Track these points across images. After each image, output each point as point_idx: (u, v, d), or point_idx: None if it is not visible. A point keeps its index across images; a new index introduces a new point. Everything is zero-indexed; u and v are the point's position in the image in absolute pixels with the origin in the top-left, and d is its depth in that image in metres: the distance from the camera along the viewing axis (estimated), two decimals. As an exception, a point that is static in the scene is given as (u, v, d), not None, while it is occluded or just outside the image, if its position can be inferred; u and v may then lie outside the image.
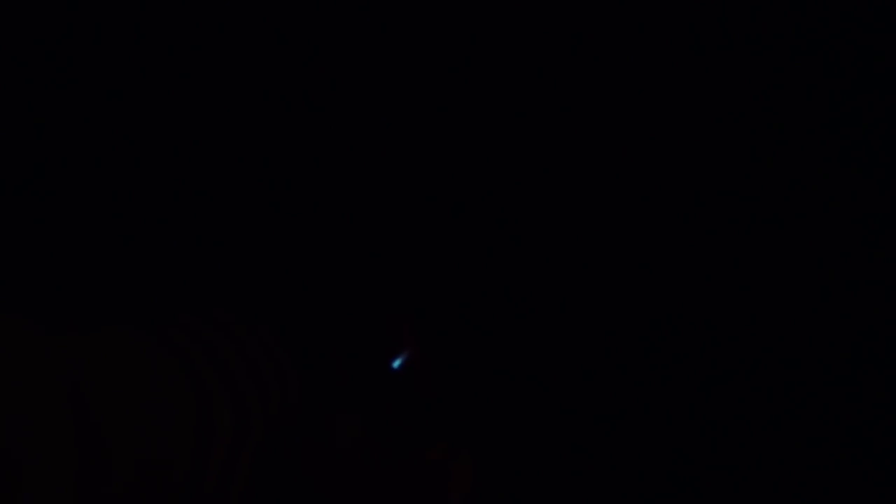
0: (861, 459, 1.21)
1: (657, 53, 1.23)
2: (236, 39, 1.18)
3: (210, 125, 1.18)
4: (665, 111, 1.24)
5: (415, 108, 1.22)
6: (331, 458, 0.87)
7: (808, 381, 1.23)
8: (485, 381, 1.20)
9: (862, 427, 1.22)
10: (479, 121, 1.23)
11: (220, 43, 1.18)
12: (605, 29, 1.23)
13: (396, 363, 0.99)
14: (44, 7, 1.14)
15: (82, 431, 0.67)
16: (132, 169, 1.15)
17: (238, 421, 0.80)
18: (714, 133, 1.25)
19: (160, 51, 1.16)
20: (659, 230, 1.24)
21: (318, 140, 1.20)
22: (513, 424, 1.20)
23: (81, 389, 0.69)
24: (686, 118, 1.25)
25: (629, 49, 1.23)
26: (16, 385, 0.65)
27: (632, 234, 1.24)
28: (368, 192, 1.21)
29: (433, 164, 1.22)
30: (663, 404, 1.22)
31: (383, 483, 0.89)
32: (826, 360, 1.24)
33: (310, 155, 1.20)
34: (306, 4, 1.20)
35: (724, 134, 1.25)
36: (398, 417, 0.93)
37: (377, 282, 1.18)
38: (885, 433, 1.21)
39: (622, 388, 1.22)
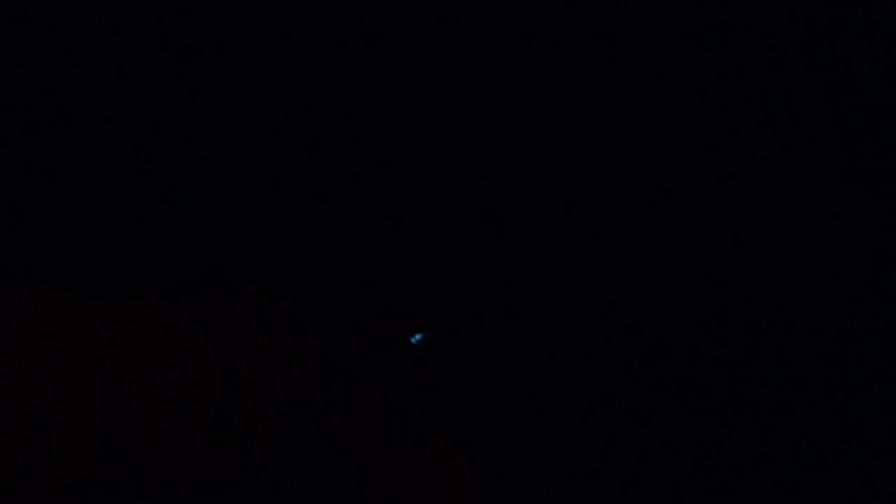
0: (861, 459, 1.21)
1: (657, 53, 1.24)
2: (245, 37, 1.19)
3: (230, 117, 1.19)
4: (665, 111, 1.25)
5: (419, 106, 1.23)
6: (351, 427, 0.88)
7: (808, 382, 1.23)
8: (483, 377, 1.20)
9: (862, 427, 1.22)
10: (479, 119, 1.23)
11: (235, 40, 1.19)
12: (604, 29, 1.23)
13: (415, 339, 0.99)
14: (44, 6, 1.14)
15: (106, 392, 0.68)
16: (160, 149, 1.16)
17: (261, 387, 0.80)
18: (714, 133, 1.25)
19: (177, 47, 1.17)
20: (659, 230, 1.25)
21: (339, 135, 1.21)
22: (511, 421, 1.20)
23: (105, 351, 0.71)
24: (687, 118, 1.25)
25: (629, 49, 1.24)
26: (42, 348, 0.66)
27: (632, 233, 1.24)
28: (377, 184, 1.22)
29: (440, 164, 1.23)
30: (663, 402, 1.22)
31: (390, 469, 0.89)
32: (826, 361, 1.24)
33: (326, 147, 1.21)
34: (306, 4, 1.20)
35: (725, 134, 1.25)
36: (405, 403, 0.94)
37: (391, 268, 1.19)
38: (885, 433, 1.21)
39: (621, 385, 1.22)
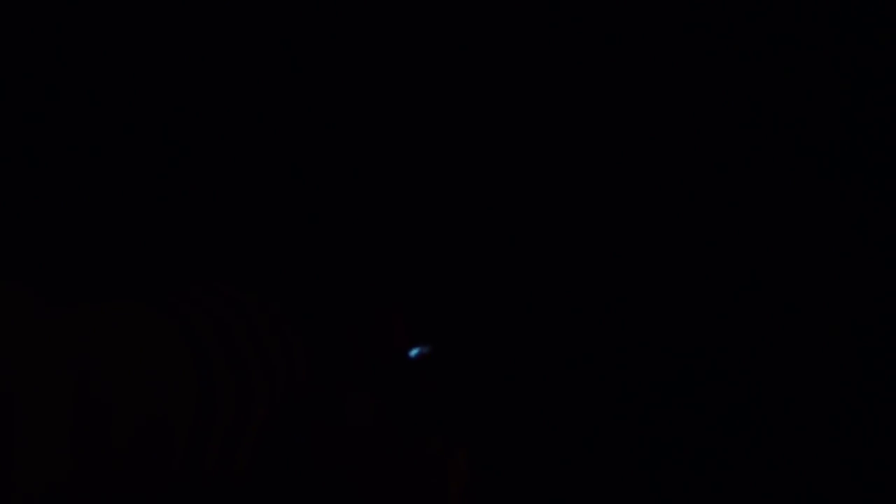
0: (861, 460, 1.21)
1: (657, 53, 1.24)
2: (240, 37, 1.19)
3: (222, 119, 1.18)
4: (665, 111, 1.25)
5: (417, 104, 1.23)
6: (341, 440, 0.86)
7: (808, 383, 1.23)
8: (482, 376, 1.20)
9: (862, 428, 1.22)
10: (478, 118, 1.23)
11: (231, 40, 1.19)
12: (604, 29, 1.24)
13: (414, 352, 0.97)
14: (43, 6, 1.15)
15: (79, 395, 0.67)
16: (146, 151, 1.15)
17: (241, 394, 0.78)
18: (714, 133, 1.25)
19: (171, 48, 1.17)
20: (659, 231, 1.25)
21: (334, 134, 1.21)
22: (510, 421, 1.20)
23: (79, 354, 0.70)
24: (686, 118, 1.25)
25: (629, 49, 1.24)
26: (12, 352, 0.65)
27: (632, 233, 1.24)
28: (375, 183, 1.21)
29: (440, 163, 1.23)
30: (663, 402, 1.22)
31: (387, 471, 0.88)
32: (826, 361, 1.24)
33: (322, 148, 1.21)
34: (306, 4, 1.20)
35: (724, 134, 1.25)
36: (402, 407, 0.92)
37: (385, 270, 1.18)
38: (884, 434, 1.21)
39: (622, 385, 1.22)
